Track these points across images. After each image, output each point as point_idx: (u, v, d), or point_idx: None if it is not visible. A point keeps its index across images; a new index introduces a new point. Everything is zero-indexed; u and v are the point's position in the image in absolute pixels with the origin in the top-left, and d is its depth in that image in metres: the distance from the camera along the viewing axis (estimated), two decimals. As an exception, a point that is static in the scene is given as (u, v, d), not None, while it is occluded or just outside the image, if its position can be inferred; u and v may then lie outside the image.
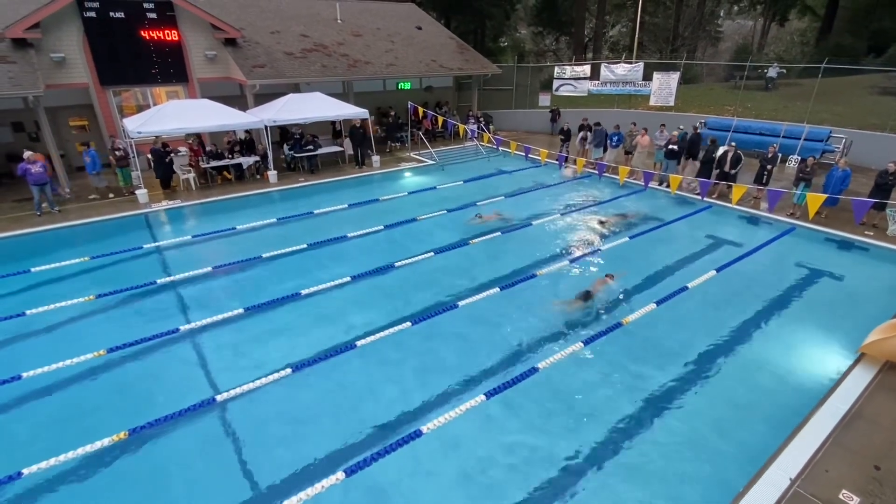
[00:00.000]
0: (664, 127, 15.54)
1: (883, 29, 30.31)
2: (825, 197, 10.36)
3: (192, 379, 6.40)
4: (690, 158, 14.54)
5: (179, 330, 7.36)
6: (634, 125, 16.43)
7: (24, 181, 11.98)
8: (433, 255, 10.01)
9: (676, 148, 14.24)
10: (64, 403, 5.99)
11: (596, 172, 15.33)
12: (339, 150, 17.72)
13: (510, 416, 5.73)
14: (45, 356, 6.52)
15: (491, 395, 5.90)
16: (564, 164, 16.44)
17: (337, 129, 18.75)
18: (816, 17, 38.15)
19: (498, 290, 8.53)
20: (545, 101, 24.47)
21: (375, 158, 17.29)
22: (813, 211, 10.61)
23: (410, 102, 19.19)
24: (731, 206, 12.58)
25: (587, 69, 22.93)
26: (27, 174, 11.63)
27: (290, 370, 6.42)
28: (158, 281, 8.90)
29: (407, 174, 16.91)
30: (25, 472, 4.78)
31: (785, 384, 6.32)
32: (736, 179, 12.94)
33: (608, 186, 15.02)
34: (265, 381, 6.20)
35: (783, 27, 42.77)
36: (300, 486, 4.69)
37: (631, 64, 21.63)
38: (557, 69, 23.73)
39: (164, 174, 14.05)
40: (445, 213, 12.50)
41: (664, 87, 20.55)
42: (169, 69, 16.16)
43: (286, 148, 16.71)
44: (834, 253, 10.50)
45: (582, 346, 6.89)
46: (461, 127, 19.37)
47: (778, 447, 5.15)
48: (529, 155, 17.12)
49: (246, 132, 16.10)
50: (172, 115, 13.53)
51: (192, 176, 14.55)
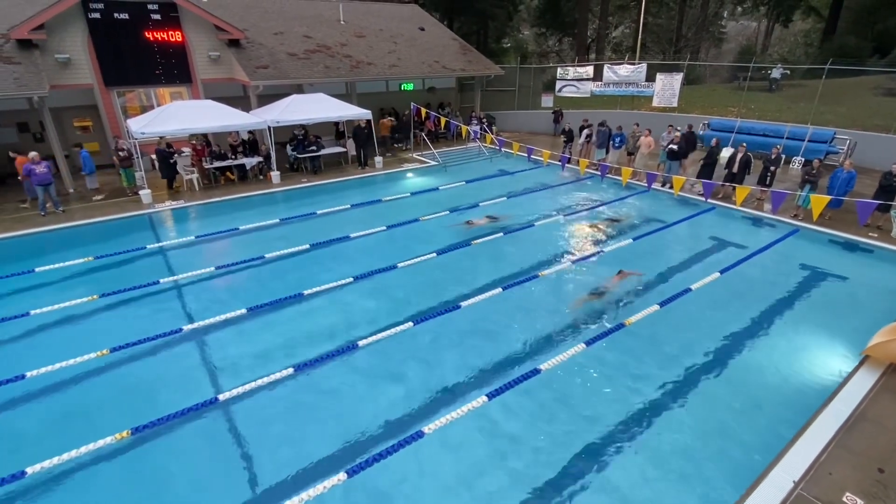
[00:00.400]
0: (672, 128, 15.48)
1: (888, 30, 30.17)
2: (829, 198, 10.33)
3: (194, 378, 6.42)
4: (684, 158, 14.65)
5: (182, 330, 7.39)
6: (637, 126, 16.42)
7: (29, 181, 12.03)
8: (436, 255, 10.01)
9: (676, 148, 14.21)
10: (67, 403, 6.02)
11: (598, 173, 15.32)
12: (342, 150, 17.77)
13: (512, 417, 5.73)
14: (48, 355, 6.55)
15: (493, 395, 5.89)
16: (567, 164, 16.42)
17: (340, 129, 18.78)
18: (820, 17, 38.06)
19: (500, 290, 8.53)
20: (548, 102, 24.46)
21: (378, 159, 17.32)
22: (817, 213, 10.58)
23: (413, 103, 19.22)
24: (734, 207, 12.54)
25: (590, 70, 22.91)
26: (32, 175, 11.70)
27: (292, 370, 6.43)
28: (162, 281, 8.93)
29: (409, 175, 16.93)
30: (29, 470, 4.80)
31: (788, 386, 6.29)
32: (742, 182, 12.90)
33: (611, 187, 15.00)
34: (267, 380, 6.21)
35: (787, 28, 42.65)
36: (302, 486, 4.69)
37: (634, 65, 21.61)
38: (560, 70, 23.72)
39: (169, 174, 14.11)
40: (448, 213, 12.51)
41: (667, 88, 20.52)
42: (173, 70, 16.25)
43: (289, 149, 16.76)
44: (838, 255, 10.45)
45: (584, 346, 6.87)
46: (464, 128, 19.38)
47: (781, 449, 5.13)
48: (532, 156, 17.12)
49: (249, 133, 16.15)
50: (176, 115, 13.60)
51: (195, 176, 14.61)
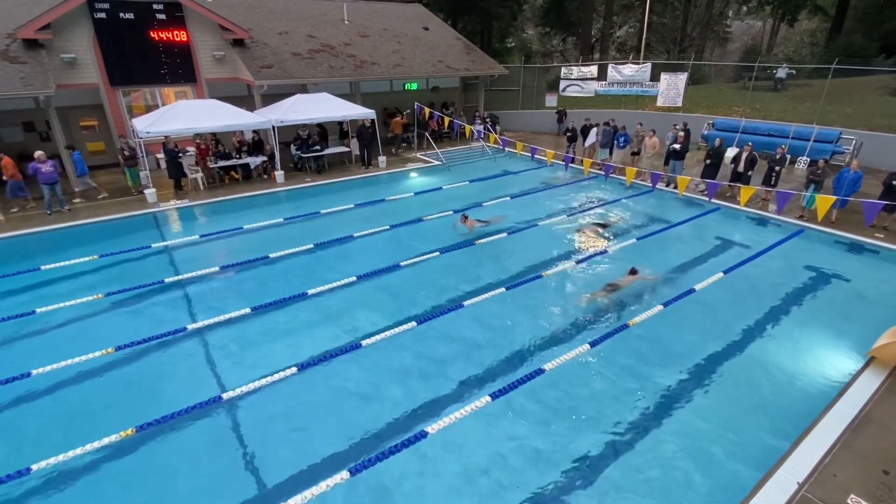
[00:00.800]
0: (675, 128, 15.41)
1: (894, 29, 29.95)
2: (834, 199, 10.27)
3: (198, 377, 6.45)
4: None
5: (187, 329, 7.42)
6: (641, 126, 16.36)
7: (34, 180, 12.12)
8: (439, 254, 10.02)
9: (679, 148, 14.16)
10: (72, 400, 6.06)
11: (602, 173, 15.29)
12: (345, 150, 17.79)
13: (515, 417, 5.73)
14: (54, 354, 6.60)
15: (496, 396, 5.89)
16: (571, 164, 16.39)
17: (344, 129, 18.80)
18: (827, 17, 37.83)
19: (504, 290, 8.53)
20: (552, 101, 24.41)
21: (382, 159, 17.33)
22: (822, 213, 10.52)
23: (417, 103, 19.22)
24: (739, 207, 12.48)
25: (594, 70, 22.85)
26: (38, 174, 11.77)
27: (295, 369, 6.45)
28: (166, 280, 8.97)
29: (413, 175, 16.94)
30: (34, 467, 4.84)
31: (793, 387, 6.27)
32: (749, 181, 12.85)
33: (615, 187, 14.97)
34: (271, 379, 6.24)
35: (792, 27, 42.42)
36: (305, 484, 4.71)
37: (638, 64, 21.53)
38: (564, 70, 23.67)
39: (177, 174, 14.19)
40: (452, 213, 12.50)
41: (672, 87, 20.43)
42: (177, 69, 16.30)
43: (293, 148, 16.79)
44: (843, 255, 10.39)
45: (588, 347, 6.86)
46: (467, 127, 19.36)
47: (786, 451, 5.11)
48: (535, 156, 17.10)
49: (254, 132, 16.19)
50: (181, 115, 13.64)
51: (199, 176, 14.66)
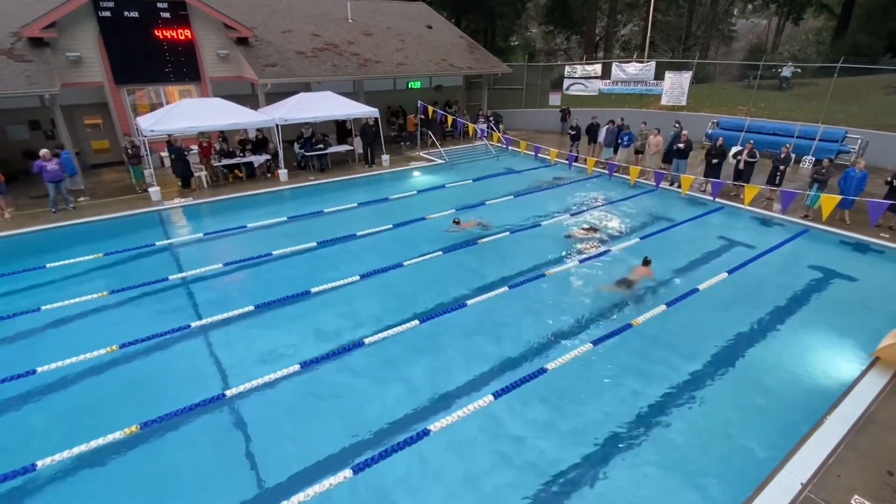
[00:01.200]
0: (678, 124, 15.32)
1: (901, 28, 29.71)
2: (839, 198, 10.21)
3: (202, 374, 6.48)
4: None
5: (191, 326, 7.45)
6: (645, 124, 16.30)
7: (40, 178, 12.17)
8: (442, 253, 10.02)
9: (683, 146, 14.12)
10: (77, 397, 6.09)
11: (606, 172, 15.25)
12: (349, 149, 17.80)
13: (518, 416, 5.73)
14: (59, 351, 6.63)
15: (499, 395, 5.89)
16: (574, 162, 16.34)
17: (347, 128, 18.80)
18: (832, 15, 37.57)
19: (506, 289, 8.52)
20: (555, 100, 24.35)
21: (385, 157, 17.33)
22: (827, 213, 10.46)
23: (420, 101, 19.20)
24: (743, 207, 12.42)
25: (598, 68, 22.79)
26: (43, 171, 11.82)
27: (298, 367, 6.47)
28: (170, 277, 9.01)
29: (416, 173, 16.94)
30: (39, 464, 4.87)
31: (797, 388, 6.25)
32: (749, 179, 12.81)
33: (619, 186, 14.93)
34: (274, 377, 6.26)
35: (798, 26, 42.14)
36: (308, 482, 4.72)
37: (642, 63, 21.46)
38: (568, 68, 23.63)
39: (185, 172, 14.22)
40: (454, 211, 12.49)
41: (676, 86, 20.36)
42: (182, 68, 16.34)
43: (297, 147, 16.81)
44: (848, 255, 10.34)
45: (591, 346, 6.86)
46: (471, 126, 19.34)
47: (789, 451, 5.09)
48: (539, 154, 17.05)
49: (257, 131, 16.22)
50: (185, 113, 13.66)
51: (203, 174, 14.70)
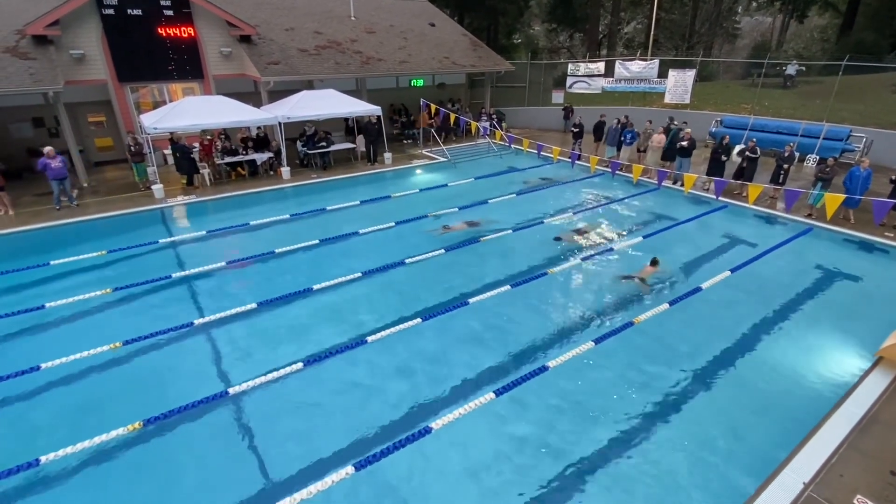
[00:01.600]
0: (685, 124, 15.24)
1: (907, 25, 29.52)
2: (843, 197, 10.17)
3: (205, 372, 6.50)
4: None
5: (193, 324, 7.47)
6: (650, 123, 16.25)
7: (43, 176, 12.22)
8: (444, 251, 10.02)
9: (686, 144, 14.07)
10: (81, 394, 6.12)
11: (609, 170, 15.22)
12: (351, 146, 17.80)
13: (520, 414, 5.73)
14: (63, 348, 6.65)
15: (500, 392, 5.89)
16: (577, 161, 16.32)
17: (350, 125, 18.81)
18: (838, 13, 37.32)
19: (509, 287, 8.52)
20: (558, 98, 24.27)
21: (387, 155, 17.33)
22: (831, 211, 10.41)
23: (423, 99, 19.17)
24: (747, 205, 12.38)
25: (601, 66, 22.69)
26: (47, 169, 11.86)
27: (301, 364, 6.48)
28: (173, 275, 9.03)
29: (418, 171, 16.93)
30: (43, 459, 4.89)
31: (800, 387, 6.23)
32: (752, 178, 12.77)
33: (621, 185, 14.90)
34: (277, 374, 6.27)
35: (802, 24, 41.89)
36: (310, 479, 4.74)
37: (646, 61, 21.36)
38: (571, 66, 23.53)
39: (190, 170, 14.27)
40: (457, 210, 12.49)
41: (679, 84, 20.26)
42: (185, 66, 16.36)
43: (299, 144, 16.82)
44: (852, 254, 10.30)
45: (593, 344, 6.85)
46: (473, 124, 19.30)
47: (792, 451, 5.09)
48: (542, 152, 17.04)
49: (258, 128, 16.23)
50: (188, 111, 13.68)
51: (206, 172, 14.73)
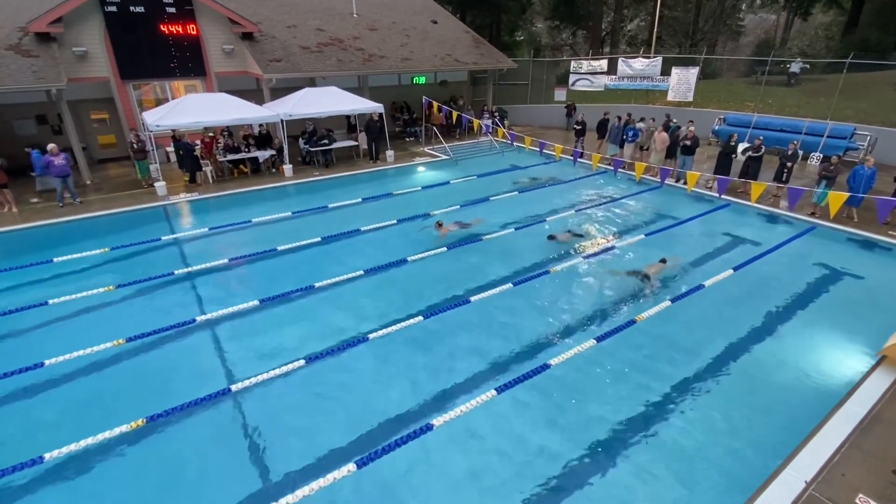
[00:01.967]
0: (691, 122, 15.15)
1: (912, 23, 29.24)
2: (847, 196, 10.12)
3: (207, 369, 6.52)
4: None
5: (196, 321, 7.49)
6: (654, 120, 16.20)
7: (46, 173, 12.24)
8: (446, 249, 10.02)
9: (690, 143, 14.02)
10: (84, 390, 6.15)
11: (611, 168, 15.19)
12: (353, 144, 17.79)
13: (521, 411, 5.73)
14: (66, 344, 6.67)
15: (502, 390, 5.90)
16: (579, 158, 16.29)
17: (352, 123, 18.80)
18: (842, 10, 37.09)
19: (510, 285, 8.51)
20: (561, 95, 24.22)
21: (390, 153, 17.33)
22: (835, 210, 10.37)
23: (425, 97, 19.16)
24: (750, 203, 12.33)
25: (604, 64, 22.62)
26: (50, 166, 11.90)
27: (303, 362, 6.50)
28: (176, 272, 9.05)
29: (421, 169, 16.92)
30: (47, 456, 4.91)
31: (802, 386, 6.22)
32: (757, 176, 12.73)
33: (624, 183, 14.87)
34: (279, 372, 6.29)
35: (806, 21, 41.65)
36: (312, 476, 4.74)
37: (649, 58, 21.29)
38: (574, 64, 23.46)
39: (193, 167, 14.30)
40: (459, 208, 12.48)
41: (683, 82, 20.20)
42: (187, 63, 16.38)
43: (301, 142, 16.82)
44: (856, 253, 10.26)
45: (594, 342, 6.84)
46: (475, 122, 19.27)
47: (794, 449, 5.08)
48: (544, 150, 16.99)
49: (260, 126, 16.24)
50: (190, 108, 13.71)
51: (209, 169, 14.75)
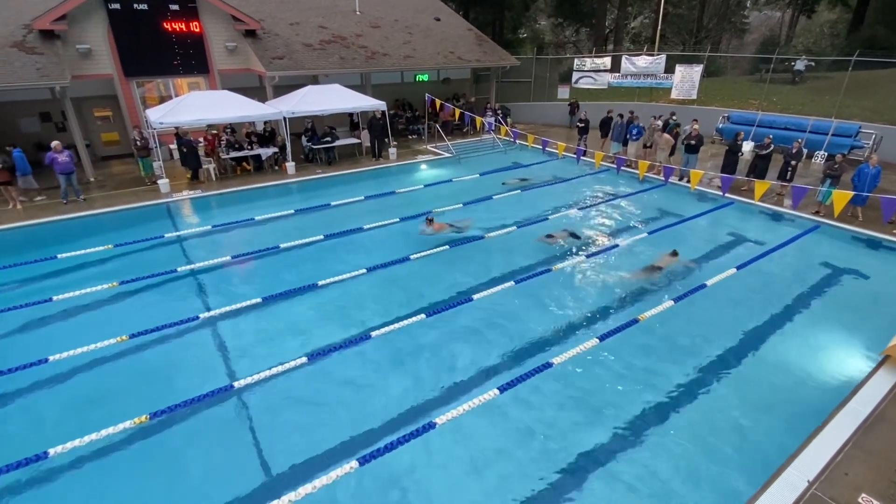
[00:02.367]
0: (696, 121, 15.07)
1: (918, 20, 29.02)
2: (851, 194, 10.07)
3: (210, 365, 6.54)
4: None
5: (199, 318, 7.51)
6: (655, 119, 16.13)
7: (51, 170, 12.29)
8: (448, 248, 10.01)
9: (694, 142, 13.98)
10: (88, 386, 6.18)
11: (614, 166, 15.15)
12: (356, 141, 17.79)
13: (523, 410, 5.74)
14: (70, 340, 6.70)
15: (504, 388, 5.90)
16: (582, 156, 16.25)
17: (355, 120, 18.80)
18: (847, 7, 36.85)
19: (513, 283, 8.51)
20: (564, 93, 24.14)
21: (392, 151, 17.32)
22: (839, 209, 10.33)
23: (428, 95, 19.13)
24: (753, 202, 12.29)
25: (607, 61, 22.53)
26: (54, 163, 11.93)
27: (305, 359, 6.51)
28: (179, 269, 9.08)
29: (423, 167, 16.91)
30: (52, 452, 4.94)
31: (805, 385, 6.21)
32: (765, 174, 12.70)
33: (627, 181, 14.83)
34: (281, 369, 6.29)
35: (811, 18, 41.42)
36: (314, 473, 4.76)
37: (653, 56, 21.19)
38: (577, 61, 23.37)
39: (194, 164, 14.33)
40: (461, 206, 12.47)
41: (686, 79, 20.10)
42: (190, 60, 16.38)
43: (304, 139, 16.83)
44: (860, 252, 10.21)
45: (597, 341, 6.83)
46: (478, 119, 19.23)
47: (796, 449, 5.07)
48: (547, 148, 16.96)
49: (265, 123, 16.25)
50: (194, 106, 13.73)
51: (212, 166, 14.77)
